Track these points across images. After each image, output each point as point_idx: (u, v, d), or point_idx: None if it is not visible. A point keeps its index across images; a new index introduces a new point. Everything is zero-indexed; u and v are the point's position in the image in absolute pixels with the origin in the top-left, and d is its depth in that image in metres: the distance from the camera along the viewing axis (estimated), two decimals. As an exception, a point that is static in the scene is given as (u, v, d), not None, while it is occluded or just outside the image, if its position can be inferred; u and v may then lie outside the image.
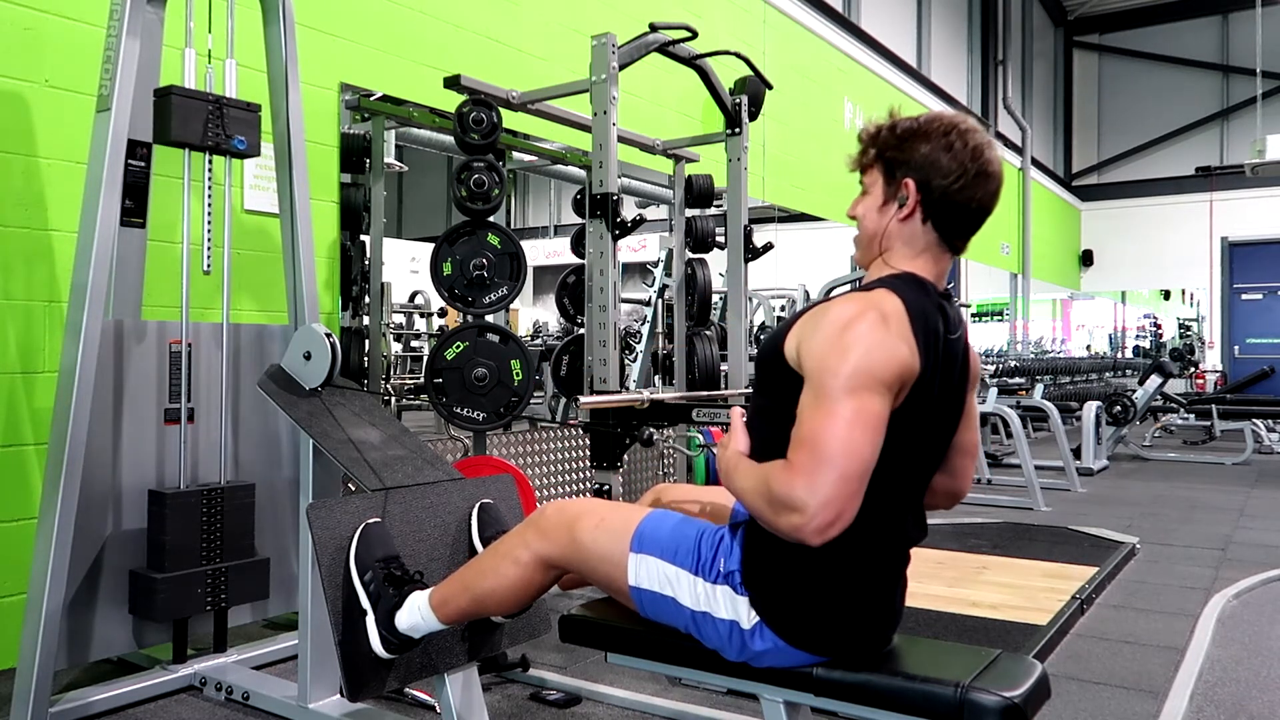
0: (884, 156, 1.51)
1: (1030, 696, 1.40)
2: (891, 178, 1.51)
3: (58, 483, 2.24)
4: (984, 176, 1.47)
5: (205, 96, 2.50)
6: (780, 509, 1.32)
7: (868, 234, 1.55)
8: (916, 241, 1.51)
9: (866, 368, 1.32)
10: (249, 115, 2.58)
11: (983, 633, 2.98)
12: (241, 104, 2.57)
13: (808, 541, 1.31)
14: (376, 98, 3.67)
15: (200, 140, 2.49)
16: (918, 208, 1.49)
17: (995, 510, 5.56)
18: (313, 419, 2.31)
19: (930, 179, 1.47)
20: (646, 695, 2.48)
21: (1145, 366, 10.40)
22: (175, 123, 2.44)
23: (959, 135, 1.46)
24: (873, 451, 1.32)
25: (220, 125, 2.51)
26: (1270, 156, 9.40)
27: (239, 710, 2.46)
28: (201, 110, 2.48)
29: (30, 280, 2.65)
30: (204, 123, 2.48)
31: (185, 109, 2.45)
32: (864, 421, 1.31)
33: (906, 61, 9.61)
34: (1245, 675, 2.73)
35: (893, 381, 1.35)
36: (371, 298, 3.79)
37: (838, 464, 1.29)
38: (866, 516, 1.36)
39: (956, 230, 1.51)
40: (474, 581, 1.76)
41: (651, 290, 6.04)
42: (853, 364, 1.32)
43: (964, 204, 1.48)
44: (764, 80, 3.68)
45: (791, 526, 1.31)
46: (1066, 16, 15.15)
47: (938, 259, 1.52)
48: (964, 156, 1.45)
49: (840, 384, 1.32)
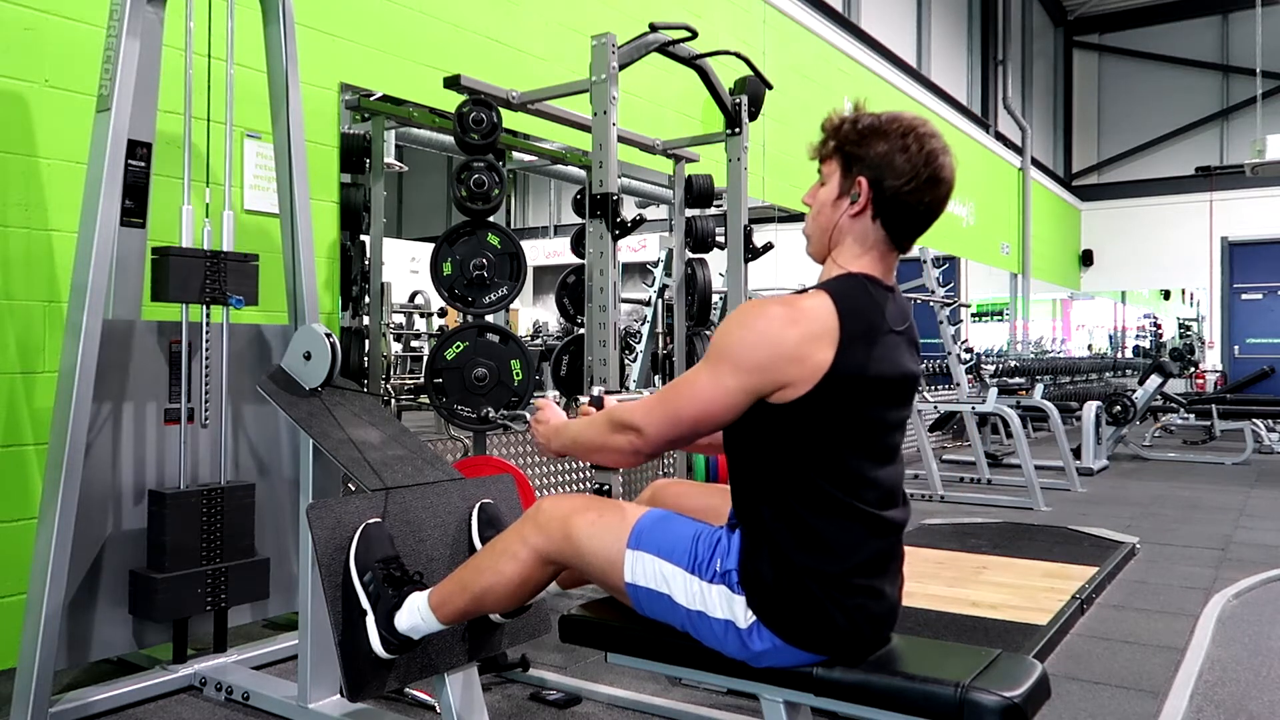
0: (843, 150, 1.57)
1: (1030, 696, 1.40)
2: (848, 172, 1.56)
3: (58, 483, 2.24)
4: (935, 181, 1.52)
5: (202, 254, 2.52)
6: (620, 429, 1.58)
7: (820, 227, 1.61)
8: (866, 238, 1.56)
9: (735, 354, 1.47)
10: (246, 267, 2.60)
11: (983, 633, 2.98)
12: (239, 256, 2.59)
13: (629, 456, 1.57)
14: (376, 98, 3.67)
15: (197, 298, 2.52)
16: (869, 205, 1.54)
17: (995, 510, 5.56)
18: (313, 419, 2.31)
19: (884, 178, 1.52)
20: (646, 695, 2.48)
21: (1145, 366, 10.40)
22: (173, 284, 2.47)
23: (916, 138, 1.51)
24: (708, 410, 1.50)
25: (218, 281, 2.54)
26: (1270, 156, 9.39)
27: (239, 710, 2.46)
28: (199, 268, 2.51)
29: (30, 280, 2.65)
30: (201, 280, 2.51)
31: (182, 269, 2.48)
32: (716, 387, 1.48)
33: (906, 61, 9.61)
34: (1245, 675, 2.73)
35: (755, 369, 1.46)
36: (371, 298, 3.79)
37: (672, 406, 1.53)
38: (838, 499, 1.47)
39: (904, 230, 1.56)
40: (472, 580, 1.76)
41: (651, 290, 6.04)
42: (722, 345, 1.50)
43: (914, 205, 1.53)
44: (764, 80, 3.68)
45: (627, 442, 1.57)
46: (1066, 16, 15.15)
47: (884, 256, 1.58)
48: (918, 160, 1.51)
49: (710, 356, 1.52)
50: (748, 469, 1.55)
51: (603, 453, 1.63)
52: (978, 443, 6.76)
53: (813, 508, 1.48)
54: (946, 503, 5.88)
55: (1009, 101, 12.05)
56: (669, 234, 4.64)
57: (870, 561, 1.51)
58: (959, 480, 6.65)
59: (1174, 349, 12.04)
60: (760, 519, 1.51)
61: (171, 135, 2.81)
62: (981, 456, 6.75)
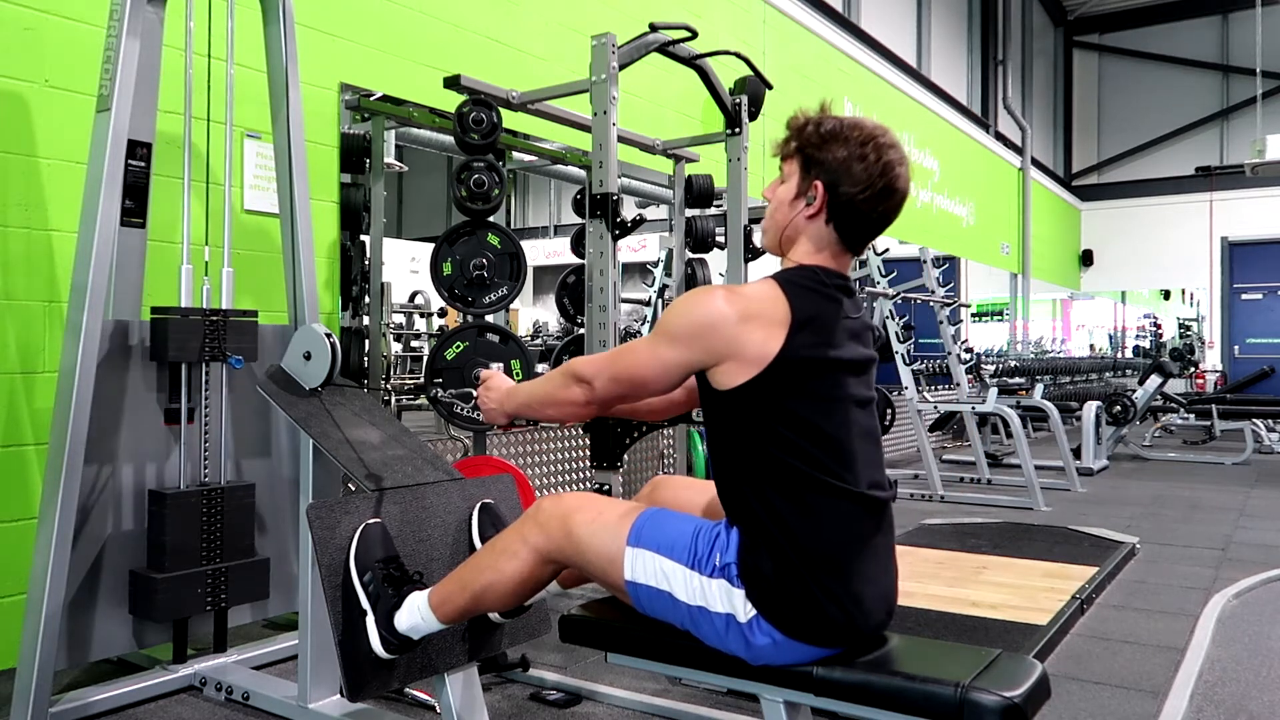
0: (804, 151, 1.61)
1: (1030, 696, 1.40)
2: (806, 174, 1.60)
3: (58, 483, 2.24)
4: (889, 191, 1.57)
5: (200, 314, 2.53)
6: (574, 380, 1.65)
7: (776, 224, 1.66)
8: (820, 240, 1.61)
9: (670, 327, 1.56)
10: (245, 324, 2.62)
11: (983, 633, 2.98)
12: (238, 314, 2.60)
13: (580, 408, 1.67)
14: (376, 98, 3.67)
15: (196, 358, 2.54)
16: (824, 209, 1.58)
17: (995, 510, 5.56)
18: (312, 419, 2.31)
19: (840, 184, 1.56)
20: (646, 695, 2.48)
21: (1145, 366, 10.40)
22: (172, 346, 2.49)
23: (875, 148, 1.55)
24: (645, 375, 1.59)
25: (217, 340, 2.56)
26: (1270, 156, 9.39)
27: (239, 710, 2.46)
28: (198, 329, 2.52)
29: (30, 280, 2.65)
30: (200, 341, 2.53)
31: (181, 331, 2.50)
32: (652, 355, 1.58)
33: (906, 61, 9.61)
34: (1245, 675, 2.73)
35: (687, 340, 1.53)
36: (371, 298, 3.79)
37: (618, 366, 1.62)
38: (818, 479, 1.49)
39: (857, 235, 1.61)
40: (472, 579, 1.76)
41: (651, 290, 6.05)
42: (668, 320, 1.57)
43: (867, 213, 1.58)
44: (764, 80, 3.68)
45: (580, 392, 1.65)
46: (1066, 16, 15.15)
47: (837, 256, 1.62)
48: (874, 170, 1.55)
49: (654, 329, 1.61)
50: (727, 461, 1.57)
51: (556, 405, 1.71)
52: (978, 443, 6.76)
53: (794, 490, 1.49)
54: (946, 503, 5.88)
55: (1009, 101, 12.05)
56: (669, 234, 4.64)
57: (860, 541, 1.52)
58: (959, 480, 6.65)
59: (1174, 349, 12.04)
60: (748, 509, 1.53)
61: (171, 135, 2.81)
62: (981, 456, 6.75)
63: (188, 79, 2.57)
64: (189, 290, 2.57)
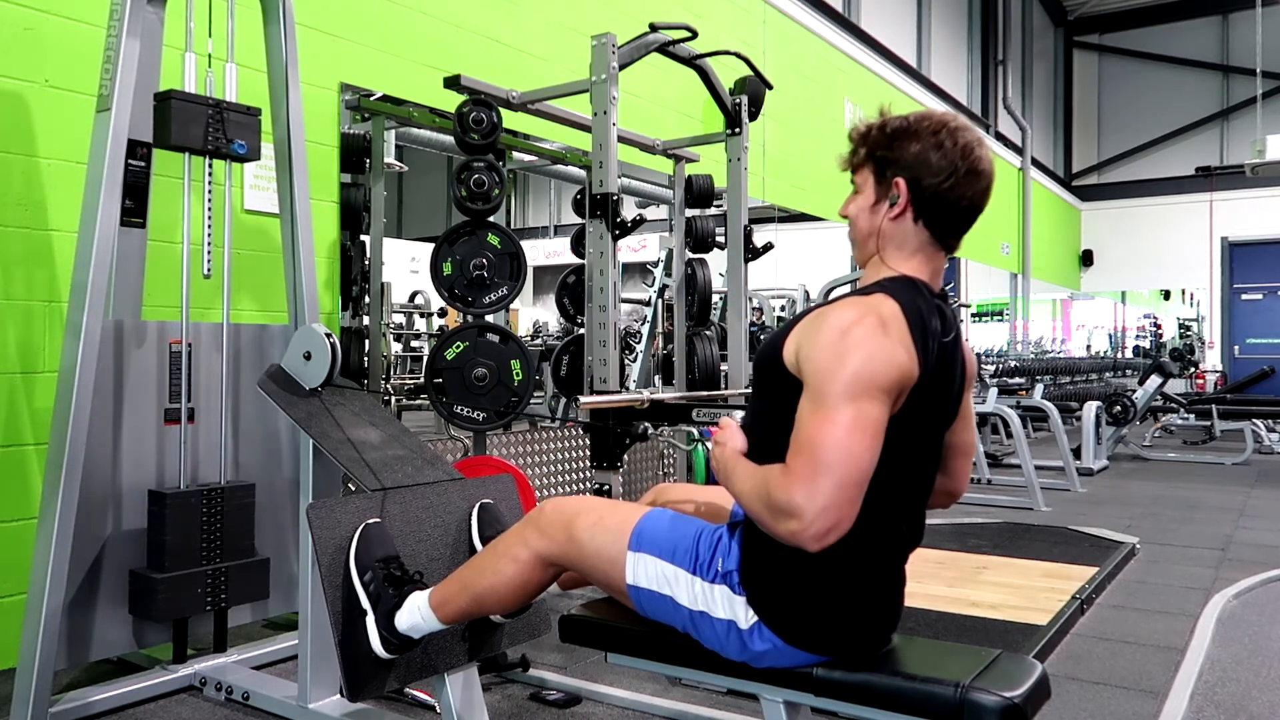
0: (875, 156, 1.52)
1: (1030, 696, 1.40)
2: (882, 177, 1.51)
3: (58, 483, 2.24)
4: (974, 174, 1.47)
5: (205, 101, 2.50)
6: (779, 515, 1.33)
7: (861, 234, 1.55)
8: (909, 241, 1.51)
9: (867, 374, 1.33)
10: (249, 119, 2.58)
11: (983, 633, 2.98)
12: (241, 108, 2.57)
13: (806, 547, 1.32)
14: (376, 98, 3.67)
15: (201, 145, 2.49)
16: (909, 207, 1.49)
17: (995, 510, 5.56)
18: (312, 419, 2.31)
19: (921, 178, 1.47)
20: (646, 695, 2.48)
21: (1145, 366, 10.40)
22: (175, 127, 2.45)
23: (949, 134, 1.47)
24: (871, 458, 1.32)
25: (220, 129, 2.51)
26: (1270, 156, 9.40)
27: (239, 710, 2.46)
28: (202, 114, 2.48)
29: (30, 280, 2.65)
30: (204, 127, 2.48)
31: (185, 113, 2.45)
32: (863, 428, 1.31)
33: (906, 61, 9.61)
34: (1245, 675, 2.73)
35: (891, 387, 1.35)
36: (371, 298, 3.79)
37: (836, 471, 1.30)
38: (865, 521, 1.36)
39: (948, 228, 1.51)
40: (473, 581, 1.76)
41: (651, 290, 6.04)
42: (852, 370, 1.32)
43: (955, 202, 1.48)
44: (764, 80, 3.68)
45: (789, 532, 1.32)
46: (1066, 16, 15.15)
47: (931, 258, 1.53)
48: (954, 155, 1.46)
49: (839, 390, 1.32)
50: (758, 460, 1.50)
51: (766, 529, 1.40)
52: (978, 443, 6.76)
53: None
54: (946, 503, 5.87)
55: (1009, 101, 12.06)
56: (669, 234, 4.64)
57: (877, 572, 1.50)
58: (959, 480, 6.64)
59: (1174, 349, 12.05)
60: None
61: (171, 135, 2.81)
62: (981, 456, 6.75)
63: (188, 79, 2.57)
64: (192, 79, 2.54)
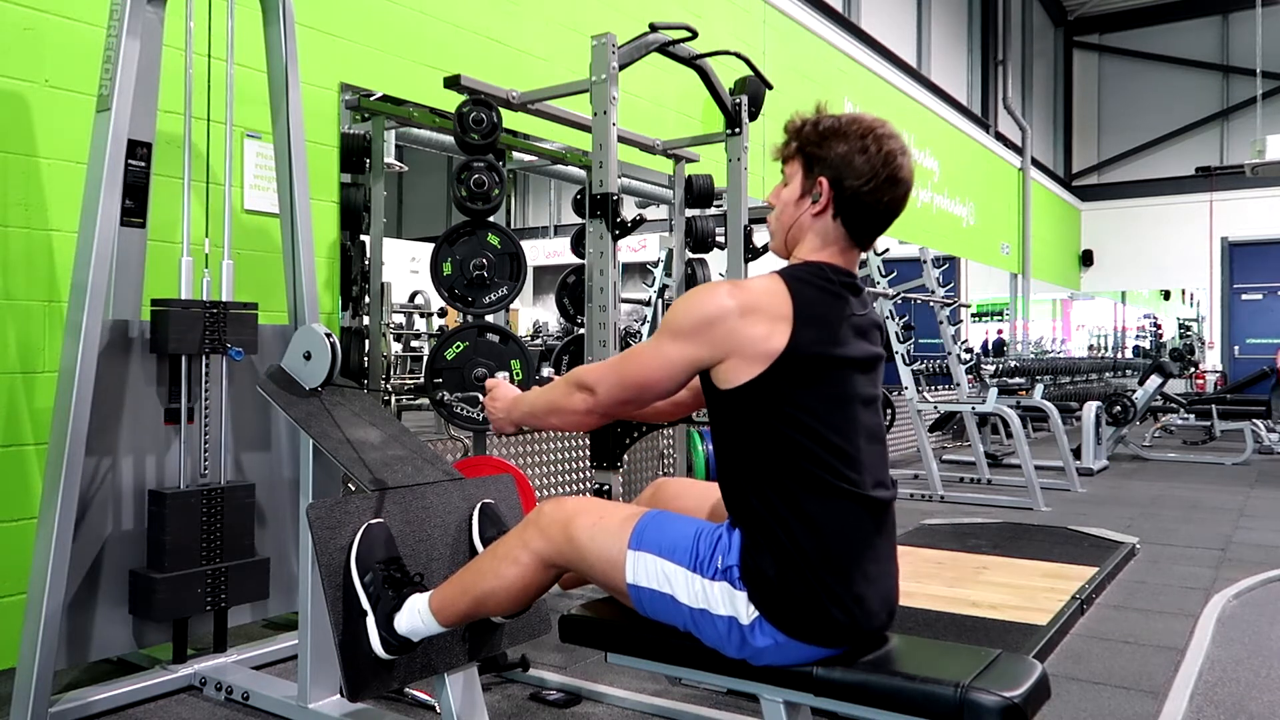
0: (805, 151, 1.62)
1: (1030, 696, 1.40)
2: (809, 172, 1.60)
3: (58, 483, 2.24)
4: (894, 181, 1.57)
5: (201, 306, 2.53)
6: (577, 388, 1.66)
7: (782, 225, 1.66)
8: (827, 236, 1.61)
9: (674, 323, 1.56)
10: (246, 316, 2.62)
11: (983, 633, 2.98)
12: (239, 306, 2.60)
13: (584, 416, 1.66)
14: (376, 98, 3.67)
15: (196, 350, 2.54)
16: (830, 204, 1.58)
17: (995, 510, 5.56)
18: (312, 419, 2.31)
19: (844, 178, 1.56)
20: (646, 695, 2.48)
21: (1145, 367, 10.39)
22: (172, 338, 2.49)
23: (875, 139, 1.56)
24: (651, 377, 1.59)
25: (217, 332, 2.56)
26: (1270, 156, 9.40)
27: (239, 710, 2.46)
28: (198, 320, 2.52)
29: (30, 280, 2.65)
30: (200, 333, 2.53)
31: (181, 323, 2.50)
32: (656, 355, 1.57)
33: (906, 61, 9.61)
34: (1245, 675, 2.73)
35: (691, 335, 1.53)
36: (371, 298, 3.79)
37: (622, 370, 1.62)
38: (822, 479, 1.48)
39: (865, 229, 1.61)
40: (473, 584, 1.76)
41: (651, 290, 6.05)
42: (666, 318, 1.59)
43: (873, 205, 1.58)
44: (764, 80, 3.68)
45: (582, 400, 1.65)
46: (1066, 16, 15.15)
47: (844, 252, 1.62)
48: (877, 161, 1.55)
49: (658, 329, 1.61)
50: (731, 461, 1.57)
51: (560, 414, 1.71)
52: (978, 443, 6.76)
53: (798, 491, 1.49)
54: (946, 503, 5.88)
55: (1009, 101, 12.06)
56: (669, 234, 4.64)
57: (863, 542, 1.52)
58: (959, 480, 6.65)
59: (1174, 349, 12.04)
60: (751, 510, 1.52)
61: (171, 135, 2.81)
62: (981, 456, 6.75)
63: (188, 79, 2.57)
64: (189, 283, 2.57)
